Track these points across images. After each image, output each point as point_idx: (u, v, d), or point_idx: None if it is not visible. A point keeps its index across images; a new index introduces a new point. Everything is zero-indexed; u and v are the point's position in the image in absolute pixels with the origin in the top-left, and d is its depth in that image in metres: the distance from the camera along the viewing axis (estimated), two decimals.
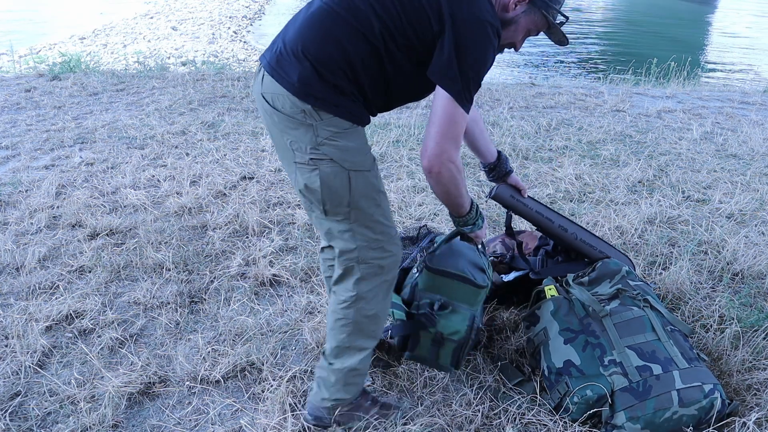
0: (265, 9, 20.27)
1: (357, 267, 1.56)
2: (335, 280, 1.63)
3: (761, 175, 3.82)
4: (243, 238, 2.92)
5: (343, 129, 1.45)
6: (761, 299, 2.39)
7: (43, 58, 9.68)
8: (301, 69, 1.42)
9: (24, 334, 2.15)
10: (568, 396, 1.75)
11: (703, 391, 1.66)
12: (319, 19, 1.44)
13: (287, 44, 1.46)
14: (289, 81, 1.43)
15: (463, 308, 1.79)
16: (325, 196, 1.49)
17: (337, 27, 1.43)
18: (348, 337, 1.62)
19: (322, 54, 1.42)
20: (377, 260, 1.57)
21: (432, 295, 1.80)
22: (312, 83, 1.42)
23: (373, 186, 1.53)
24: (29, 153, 4.11)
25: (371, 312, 1.62)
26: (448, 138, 1.44)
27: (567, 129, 4.77)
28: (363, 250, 1.55)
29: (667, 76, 7.42)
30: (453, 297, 1.79)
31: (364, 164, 1.50)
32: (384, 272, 1.60)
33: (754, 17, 22.75)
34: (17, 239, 2.90)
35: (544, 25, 1.61)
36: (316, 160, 1.46)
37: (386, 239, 1.57)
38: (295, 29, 1.47)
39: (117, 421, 1.79)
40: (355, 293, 1.58)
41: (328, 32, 1.43)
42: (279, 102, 1.46)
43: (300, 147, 1.46)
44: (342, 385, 1.65)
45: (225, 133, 4.56)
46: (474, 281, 1.78)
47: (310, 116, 1.43)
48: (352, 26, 1.42)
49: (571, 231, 2.10)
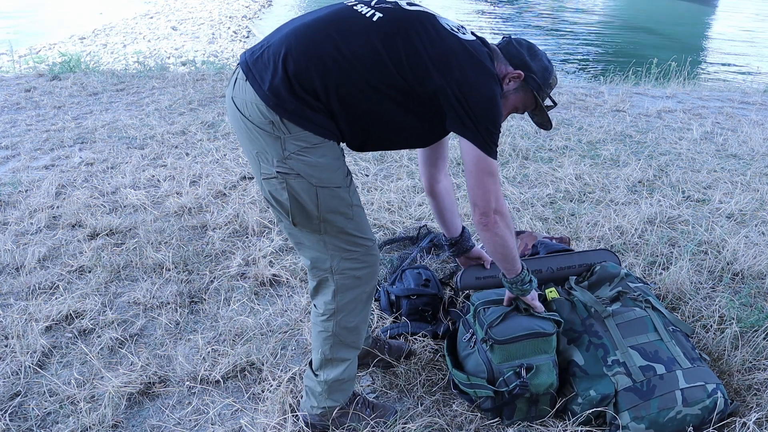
0: (264, 9, 20.27)
1: (331, 278, 1.53)
2: (311, 292, 1.61)
3: (761, 175, 3.82)
4: (243, 238, 2.92)
5: (312, 144, 1.39)
6: (761, 299, 2.39)
7: (43, 58, 9.68)
8: (274, 77, 1.36)
9: (24, 334, 2.15)
10: (572, 396, 1.75)
11: (706, 391, 1.66)
12: (310, 32, 1.38)
13: (271, 47, 1.40)
14: (260, 86, 1.37)
15: (544, 359, 1.73)
16: (293, 209, 1.44)
17: (325, 47, 1.36)
18: (330, 349, 1.61)
19: (300, 68, 1.35)
20: (352, 271, 1.53)
21: (512, 364, 1.72)
22: (282, 94, 1.36)
23: (343, 201, 1.46)
24: (29, 153, 4.10)
25: (351, 324, 1.60)
26: (492, 191, 1.48)
27: (567, 129, 4.77)
28: (336, 261, 1.51)
29: (667, 76, 7.42)
30: (531, 355, 1.73)
31: (333, 180, 1.43)
32: (361, 283, 1.56)
33: (754, 17, 22.76)
34: (17, 239, 2.89)
35: (532, 106, 1.63)
36: (283, 174, 1.40)
37: (361, 250, 1.53)
38: (284, 34, 1.42)
39: (117, 421, 1.79)
40: (334, 306, 1.56)
41: (315, 48, 1.36)
42: (248, 110, 1.40)
43: (267, 159, 1.41)
44: (329, 394, 1.66)
45: (225, 133, 4.55)
46: (544, 332, 1.73)
47: (278, 128, 1.37)
48: (342, 53, 1.36)
49: (546, 269, 2.08)
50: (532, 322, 1.75)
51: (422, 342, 2.12)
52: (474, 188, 1.50)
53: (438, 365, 2.02)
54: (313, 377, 1.67)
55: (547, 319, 1.77)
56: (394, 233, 2.94)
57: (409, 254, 2.66)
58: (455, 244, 2.02)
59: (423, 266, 2.43)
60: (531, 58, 1.58)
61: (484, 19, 19.34)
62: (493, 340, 1.73)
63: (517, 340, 1.72)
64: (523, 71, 1.56)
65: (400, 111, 1.43)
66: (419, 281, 2.28)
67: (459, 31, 1.46)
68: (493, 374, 1.74)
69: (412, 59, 1.37)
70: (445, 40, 1.41)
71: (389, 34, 1.37)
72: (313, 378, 1.67)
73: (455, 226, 1.98)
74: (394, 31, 1.38)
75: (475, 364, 1.79)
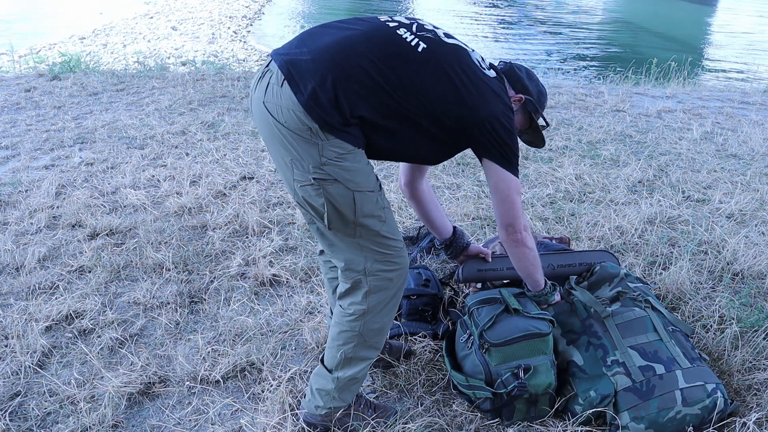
0: (264, 9, 20.27)
1: (365, 280, 1.55)
2: (341, 294, 1.61)
3: (761, 175, 3.82)
4: (243, 238, 2.92)
5: (348, 151, 1.42)
6: (761, 299, 2.39)
7: (43, 58, 9.69)
8: (321, 91, 1.37)
9: (24, 334, 2.15)
10: (572, 396, 1.75)
11: (706, 391, 1.66)
12: (356, 58, 1.40)
13: (315, 61, 1.40)
14: (303, 92, 1.37)
15: (542, 360, 1.73)
16: (330, 215, 1.47)
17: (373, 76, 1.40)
18: (353, 348, 1.61)
19: (349, 95, 1.39)
20: (385, 273, 1.55)
21: (509, 365, 1.73)
22: (327, 109, 1.38)
23: (377, 204, 1.51)
24: (29, 153, 4.10)
25: (377, 325, 1.61)
26: (519, 209, 1.61)
27: (567, 129, 4.77)
28: (370, 263, 1.53)
29: (667, 76, 7.42)
30: (528, 356, 1.73)
31: (367, 185, 1.48)
32: (392, 285, 1.58)
33: (754, 17, 22.76)
34: (17, 239, 2.89)
35: (526, 126, 1.76)
36: (320, 180, 1.42)
37: (393, 253, 1.55)
38: (327, 49, 1.41)
39: (117, 421, 1.79)
40: (365, 307, 1.57)
41: (366, 77, 1.40)
42: (283, 116, 1.40)
43: (302, 166, 1.42)
44: (339, 393, 1.65)
45: (225, 133, 4.56)
46: (540, 332, 1.74)
47: (317, 135, 1.39)
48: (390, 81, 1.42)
49: (547, 266, 2.07)
50: (527, 323, 1.76)
51: (422, 342, 2.12)
52: (503, 205, 1.61)
53: (438, 365, 2.02)
54: (327, 374, 1.66)
55: (541, 319, 1.78)
56: None
57: (409, 254, 2.66)
58: (450, 244, 2.02)
59: (423, 266, 2.43)
60: (529, 82, 1.71)
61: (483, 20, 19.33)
62: (489, 343, 1.73)
63: (513, 341, 1.72)
64: (524, 95, 1.69)
65: (425, 136, 1.52)
66: (419, 281, 2.28)
67: (484, 68, 1.57)
68: (491, 376, 1.74)
69: (452, 96, 1.47)
70: (479, 77, 1.52)
71: (433, 68, 1.46)
72: (327, 375, 1.66)
73: (446, 227, 1.99)
74: (439, 67, 1.46)
75: (472, 365, 1.79)
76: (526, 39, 14.87)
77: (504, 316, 1.79)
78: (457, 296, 2.34)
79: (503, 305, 1.82)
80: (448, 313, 2.23)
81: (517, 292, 1.90)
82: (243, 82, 6.37)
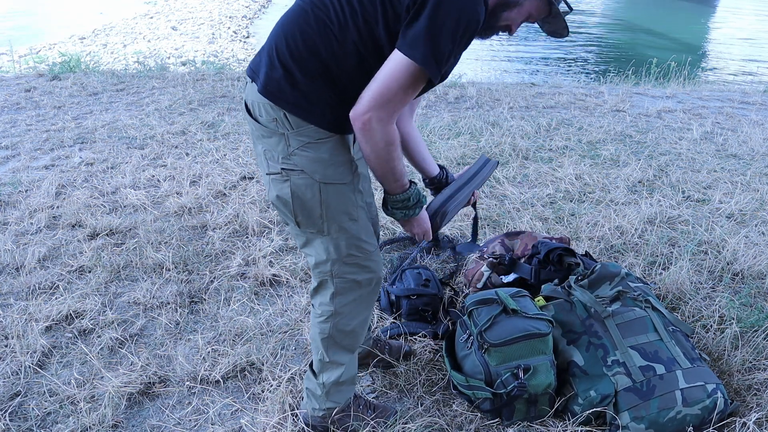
0: (265, 9, 20.27)
1: (330, 281, 1.53)
2: (311, 292, 1.61)
3: (761, 175, 3.82)
4: (243, 238, 2.92)
5: (316, 139, 1.39)
6: (761, 299, 2.39)
7: (43, 58, 9.69)
8: (273, 72, 1.37)
9: (24, 334, 2.15)
10: (572, 396, 1.75)
11: (706, 391, 1.66)
12: (291, 19, 1.39)
13: (265, 47, 1.43)
14: (262, 84, 1.39)
15: (541, 360, 1.73)
16: (296, 208, 1.44)
17: (307, 24, 1.35)
18: (326, 351, 1.61)
19: (292, 56, 1.35)
20: (352, 275, 1.52)
21: (509, 365, 1.72)
22: (283, 87, 1.37)
23: (349, 200, 1.46)
24: (29, 153, 4.10)
25: (348, 327, 1.59)
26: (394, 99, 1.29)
27: (567, 129, 4.77)
28: (336, 265, 1.50)
29: (667, 76, 7.42)
30: (528, 356, 1.73)
31: (338, 177, 1.43)
32: (360, 288, 1.55)
33: (754, 17, 22.77)
34: (17, 239, 2.89)
35: (545, 12, 1.51)
36: (287, 170, 1.41)
37: (362, 255, 1.51)
38: (273, 31, 1.43)
39: (117, 421, 1.79)
40: (332, 309, 1.56)
41: (299, 31, 1.35)
42: (257, 109, 1.42)
43: (272, 156, 1.42)
44: (328, 396, 1.66)
45: (225, 133, 4.56)
46: (539, 332, 1.73)
47: (282, 125, 1.38)
48: (321, 20, 1.32)
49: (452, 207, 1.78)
50: (526, 323, 1.76)
51: (422, 342, 2.12)
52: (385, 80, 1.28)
53: (438, 365, 2.02)
54: (314, 379, 1.67)
55: (541, 319, 1.78)
56: (394, 233, 2.94)
57: (409, 254, 2.67)
58: (437, 181, 1.84)
59: (423, 266, 2.43)
60: None
61: None
62: (489, 344, 1.73)
63: (513, 341, 1.72)
64: None
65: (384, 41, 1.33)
66: (419, 281, 2.28)
67: None
68: (491, 376, 1.74)
69: None
70: None
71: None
72: (313, 380, 1.67)
73: (432, 165, 1.84)
74: None
75: (472, 365, 1.79)
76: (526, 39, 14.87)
77: (503, 316, 1.79)
78: (457, 296, 2.34)
79: (501, 306, 1.82)
80: (448, 313, 2.23)
81: (514, 292, 1.90)
82: (243, 82, 6.37)
